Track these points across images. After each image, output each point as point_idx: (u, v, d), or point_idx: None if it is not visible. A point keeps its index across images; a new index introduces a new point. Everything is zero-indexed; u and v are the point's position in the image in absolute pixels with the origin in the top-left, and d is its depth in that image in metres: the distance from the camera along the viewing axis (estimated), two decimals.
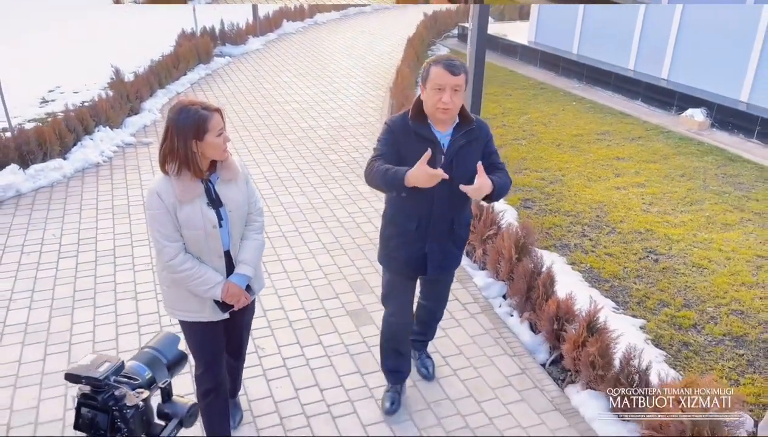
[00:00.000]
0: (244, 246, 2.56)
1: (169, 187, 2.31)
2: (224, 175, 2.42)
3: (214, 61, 10.35)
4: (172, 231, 2.35)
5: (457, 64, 2.50)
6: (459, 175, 2.56)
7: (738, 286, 4.33)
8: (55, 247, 4.71)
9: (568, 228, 5.19)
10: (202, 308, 2.51)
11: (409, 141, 2.62)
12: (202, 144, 2.28)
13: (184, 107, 2.28)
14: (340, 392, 3.34)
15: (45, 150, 5.93)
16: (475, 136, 2.65)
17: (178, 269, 2.38)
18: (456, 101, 2.52)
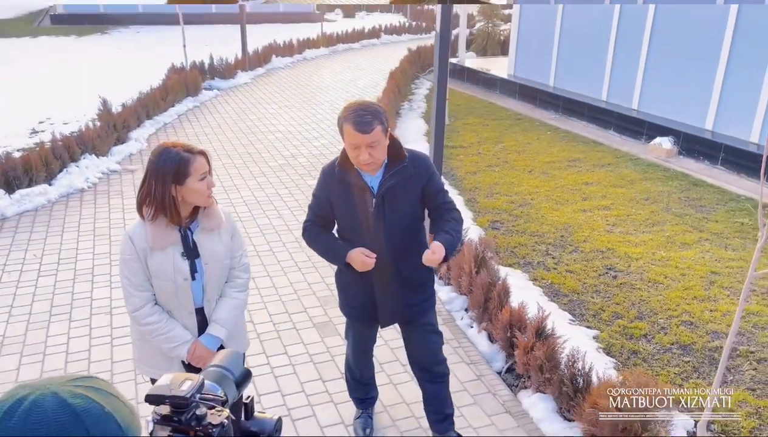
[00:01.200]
0: (221, 304, 2.37)
1: (142, 232, 2.19)
2: (205, 224, 2.27)
3: (202, 94, 10.68)
4: (141, 280, 2.22)
5: (367, 119, 2.32)
6: (393, 218, 2.50)
7: (690, 300, 4.52)
8: (35, 267, 4.88)
9: (533, 247, 5.40)
10: (170, 367, 2.31)
11: (339, 188, 2.53)
12: (182, 188, 2.14)
13: (165, 149, 2.16)
14: (301, 397, 3.49)
15: (31, 176, 6.15)
16: (409, 173, 2.49)
17: (142, 321, 2.25)
18: (376, 154, 2.38)
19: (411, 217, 2.55)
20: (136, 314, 2.25)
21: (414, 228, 2.63)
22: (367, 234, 2.51)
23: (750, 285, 2.92)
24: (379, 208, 2.49)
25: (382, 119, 2.37)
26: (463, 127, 9.32)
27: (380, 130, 2.35)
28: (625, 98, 9.28)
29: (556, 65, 10.76)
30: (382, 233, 2.51)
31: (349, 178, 2.49)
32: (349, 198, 2.50)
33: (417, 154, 2.59)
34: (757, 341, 4.02)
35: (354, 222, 2.55)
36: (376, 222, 2.51)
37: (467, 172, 7.32)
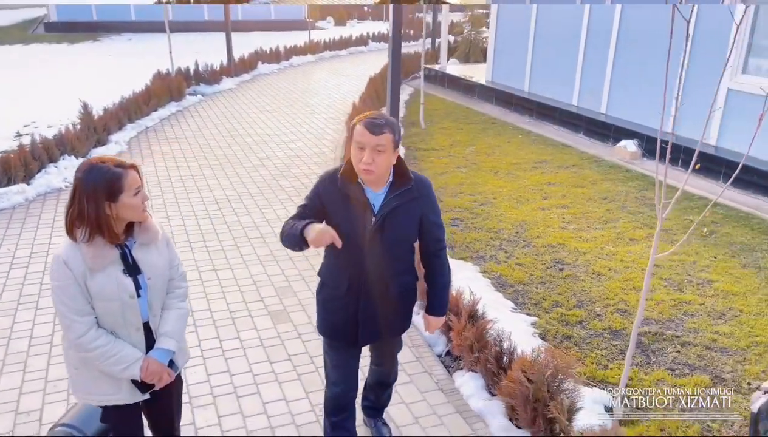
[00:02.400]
0: (166, 316, 2.33)
1: (77, 254, 2.08)
2: (142, 239, 2.21)
3: (185, 99, 10.94)
4: (82, 305, 2.11)
5: (380, 122, 2.31)
6: (391, 237, 2.46)
7: (628, 290, 4.76)
8: (8, 260, 5.11)
9: (488, 242, 5.64)
10: (118, 389, 2.25)
11: (338, 200, 2.44)
12: (116, 205, 2.07)
13: (93, 165, 2.07)
14: (248, 377, 3.71)
15: (10, 175, 6.38)
16: (413, 196, 2.46)
17: (88, 347, 2.13)
18: (379, 161, 2.32)
19: (408, 239, 2.54)
20: (81, 340, 2.12)
21: (409, 249, 2.62)
22: (361, 251, 2.45)
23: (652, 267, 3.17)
24: (379, 227, 2.43)
25: (394, 129, 2.35)
26: (438, 131, 9.59)
27: (390, 137, 2.32)
28: (594, 103, 9.56)
29: (530, 71, 11.05)
30: (378, 252, 2.45)
31: (350, 191, 2.42)
32: (348, 211, 2.42)
33: (422, 178, 2.55)
34: (684, 327, 4.26)
35: (349, 236, 2.41)
36: (372, 240, 2.44)
37: (436, 173, 7.57)
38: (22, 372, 3.70)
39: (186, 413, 3.36)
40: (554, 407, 2.95)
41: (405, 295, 2.67)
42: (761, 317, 4.36)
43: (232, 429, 3.27)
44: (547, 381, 3.03)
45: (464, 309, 3.81)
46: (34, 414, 3.35)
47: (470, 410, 3.47)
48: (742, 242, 5.62)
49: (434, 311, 2.73)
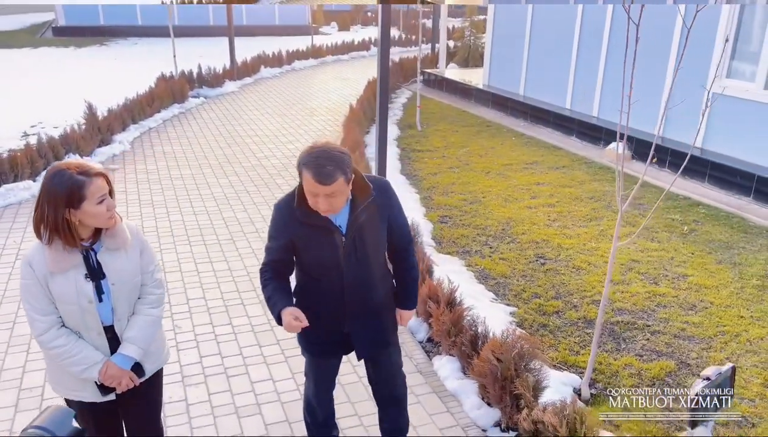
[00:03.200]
0: (133, 322, 2.31)
1: (41, 255, 2.12)
2: (109, 244, 2.20)
3: (188, 102, 11.20)
4: (44, 305, 2.14)
5: (328, 171, 2.15)
6: (365, 252, 2.43)
7: (605, 283, 4.96)
8: (14, 251, 5.35)
9: (474, 238, 5.86)
10: (83, 387, 2.30)
11: (302, 231, 2.36)
12: (78, 212, 2.07)
13: (58, 171, 2.08)
14: (238, 359, 3.94)
15: (17, 173, 6.64)
16: (377, 203, 2.40)
17: (49, 345, 2.18)
18: (335, 203, 2.25)
19: (380, 247, 2.52)
20: (42, 338, 2.17)
21: (383, 259, 2.60)
22: (336, 272, 2.42)
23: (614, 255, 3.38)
24: (350, 246, 2.39)
25: (345, 169, 2.20)
26: (433, 133, 9.82)
27: (342, 181, 2.19)
28: (587, 106, 9.77)
29: (525, 75, 11.27)
30: (355, 269, 2.43)
31: (312, 220, 2.32)
32: (316, 239, 2.36)
33: (380, 181, 2.49)
34: (656, 317, 4.46)
35: (322, 261, 2.42)
36: (346, 260, 2.41)
37: (429, 173, 7.79)
38: (26, 352, 3.94)
39: (178, 390, 3.60)
40: (520, 384, 3.16)
41: (388, 300, 2.67)
42: (730, 309, 4.55)
43: (221, 405, 3.49)
44: (514, 361, 3.24)
45: (443, 297, 4.02)
46: (36, 391, 3.58)
47: (446, 390, 3.68)
48: (720, 240, 5.81)
49: (405, 304, 2.74)
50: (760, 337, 4.17)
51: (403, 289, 2.71)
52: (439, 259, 5.35)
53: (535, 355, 3.28)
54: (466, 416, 3.47)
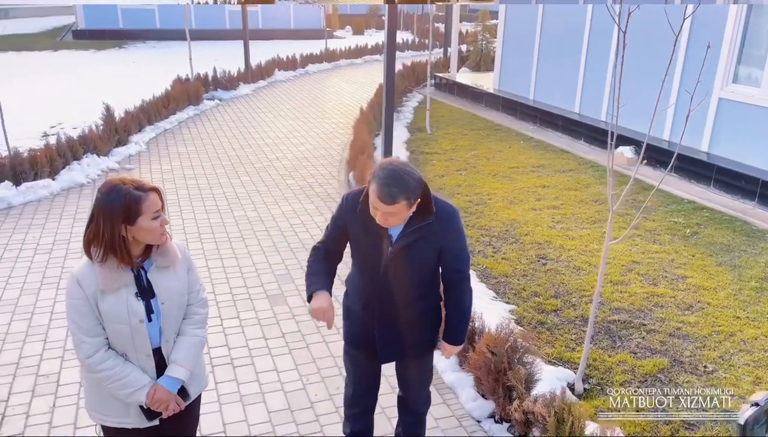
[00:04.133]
0: (180, 343, 2.27)
1: (92, 273, 2.08)
2: (159, 262, 2.19)
3: (203, 103, 11.44)
4: (92, 325, 2.10)
5: (392, 193, 2.23)
6: (408, 268, 2.47)
7: (605, 283, 5.06)
8: (33, 246, 5.57)
9: (478, 239, 5.97)
10: (126, 413, 2.24)
11: (358, 225, 2.48)
12: (133, 228, 2.06)
13: (114, 187, 2.07)
14: (244, 351, 4.10)
15: (36, 171, 6.87)
16: (431, 230, 2.43)
17: (96, 368, 2.13)
18: (392, 222, 2.35)
19: (426, 270, 2.52)
20: (89, 361, 2.12)
21: (428, 276, 2.58)
22: (378, 275, 2.49)
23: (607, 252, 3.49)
24: (395, 258, 2.45)
25: (409, 194, 2.26)
26: (443, 136, 9.95)
27: (404, 205, 2.27)
28: (595, 110, 9.85)
29: (535, 79, 11.37)
30: (394, 280, 2.48)
31: (369, 221, 2.40)
32: (367, 237, 2.46)
33: (446, 209, 2.49)
34: (652, 316, 4.55)
35: (367, 261, 2.54)
36: (388, 269, 2.47)
37: (436, 175, 7.92)
38: (43, 341, 4.13)
39: None
40: (512, 376, 3.28)
41: (425, 318, 2.66)
42: (726, 309, 4.63)
43: (226, 394, 3.65)
44: (507, 354, 3.37)
45: None
46: (53, 377, 3.76)
47: (443, 382, 3.81)
48: (722, 242, 5.88)
49: (449, 339, 2.68)
50: (754, 337, 4.25)
51: (449, 323, 2.68)
52: None
53: (528, 349, 3.40)
54: (462, 407, 3.60)
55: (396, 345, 2.67)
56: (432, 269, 2.56)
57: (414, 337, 2.67)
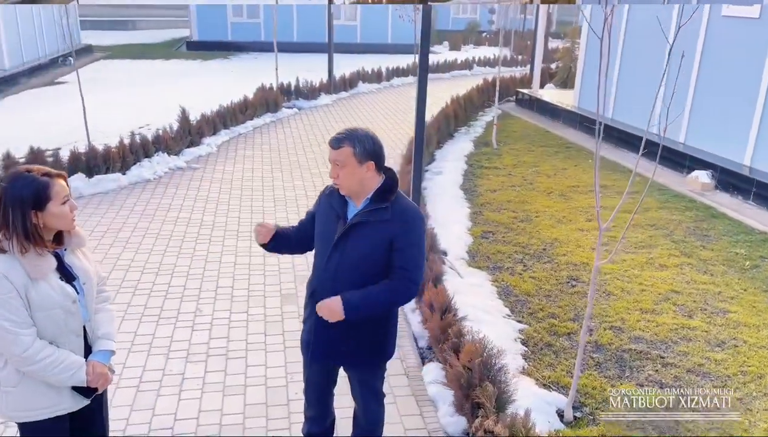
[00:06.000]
0: (100, 319, 2.37)
1: (15, 265, 2.07)
2: (74, 244, 2.26)
3: (281, 111, 11.90)
4: (25, 317, 2.10)
5: (339, 137, 2.39)
6: (351, 255, 2.46)
7: (633, 310, 4.73)
8: (86, 233, 6.05)
9: (510, 255, 5.78)
10: (59, 399, 2.24)
11: (324, 209, 2.60)
12: (43, 214, 2.09)
13: (20, 174, 2.09)
14: (241, 344, 4.22)
15: (109, 165, 7.46)
16: (384, 218, 2.44)
17: (36, 358, 2.11)
18: (342, 176, 2.40)
19: (371, 263, 2.47)
20: (28, 352, 2.10)
21: (370, 274, 2.48)
22: (325, 261, 2.51)
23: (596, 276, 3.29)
24: (342, 239, 2.46)
25: (355, 142, 2.37)
26: (508, 152, 9.73)
27: (349, 151, 2.36)
28: (673, 131, 9.23)
29: (615, 97, 10.86)
30: (335, 265, 2.48)
31: (333, 201, 2.53)
32: (326, 220, 2.54)
33: (407, 204, 2.54)
34: (674, 349, 4.20)
35: (321, 240, 2.58)
36: (334, 252, 2.49)
37: (488, 189, 7.76)
38: None
39: (178, 364, 3.93)
40: (480, 392, 3.15)
41: (368, 321, 2.53)
42: (763, 350, 4.18)
43: (211, 382, 3.78)
44: (479, 369, 3.24)
45: (437, 304, 4.06)
46: None
47: (426, 395, 3.73)
48: None
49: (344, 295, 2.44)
50: None
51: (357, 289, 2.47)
52: (466, 272, 5.36)
53: (505, 367, 3.25)
54: (437, 422, 3.50)
55: (332, 344, 2.58)
56: (380, 263, 2.48)
57: (352, 339, 2.56)
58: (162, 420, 3.44)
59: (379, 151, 2.47)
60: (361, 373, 2.78)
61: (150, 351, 4.08)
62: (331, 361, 2.74)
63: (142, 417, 3.45)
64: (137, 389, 3.70)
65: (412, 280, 2.51)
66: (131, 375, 3.82)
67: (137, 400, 3.60)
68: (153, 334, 4.29)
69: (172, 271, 5.26)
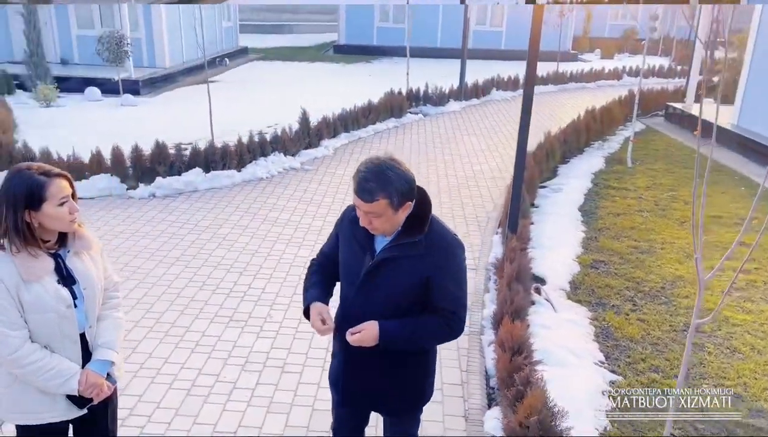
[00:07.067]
0: (103, 327, 2.26)
1: (9, 264, 2.02)
2: (77, 246, 2.16)
3: (406, 117, 11.76)
4: (15, 318, 2.03)
5: (369, 188, 2.02)
6: (382, 290, 2.17)
7: (761, 374, 3.91)
8: (191, 226, 6.25)
9: (620, 291, 5.09)
10: (53, 406, 2.17)
11: (348, 235, 2.28)
12: (38, 214, 2.02)
13: (17, 171, 2.04)
14: (300, 358, 4.04)
15: (225, 162, 7.74)
16: (417, 253, 2.13)
17: (24, 362, 2.05)
18: (377, 224, 2.10)
19: (406, 298, 2.19)
20: (16, 355, 2.04)
21: (406, 309, 2.21)
22: (352, 295, 2.24)
23: None
24: (372, 275, 2.18)
25: (390, 191, 2.02)
26: (643, 172, 8.77)
27: (384, 203, 2.02)
28: None
29: None
30: (363, 301, 2.20)
31: (358, 230, 2.20)
32: (351, 250, 2.26)
33: (442, 233, 2.20)
34: None
35: (347, 273, 2.29)
36: (362, 287, 2.20)
37: (610, 213, 7.00)
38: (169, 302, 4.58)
39: (233, 372, 3.84)
40: None
41: (402, 364, 2.28)
42: None
43: (259, 396, 3.64)
44: (536, 428, 2.77)
45: (507, 343, 3.60)
46: None
47: None
48: None
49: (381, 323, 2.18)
50: None
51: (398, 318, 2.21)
52: (562, 305, 4.79)
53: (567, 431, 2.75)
54: None
55: (363, 386, 2.33)
56: (413, 300, 2.20)
57: (386, 380, 2.31)
58: (201, 430, 3.35)
59: (413, 185, 2.11)
60: (395, 418, 2.51)
61: (211, 354, 4.05)
62: (362, 406, 2.47)
63: (183, 424, 3.39)
64: (188, 393, 3.65)
65: (456, 318, 2.23)
66: (186, 376, 3.80)
67: (184, 404, 3.55)
68: (219, 337, 4.26)
69: (256, 273, 5.25)
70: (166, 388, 3.68)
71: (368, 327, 2.17)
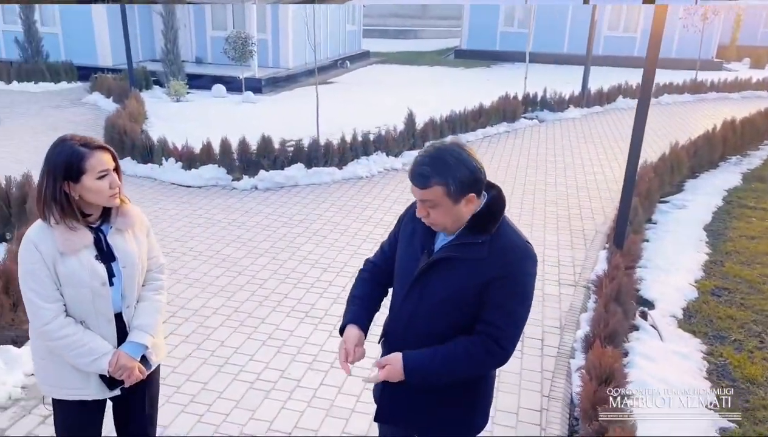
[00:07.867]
0: (142, 309, 2.19)
1: (48, 235, 1.99)
2: (120, 224, 2.10)
3: (519, 122, 11.25)
4: (51, 290, 1.99)
5: (421, 171, 1.83)
6: (436, 291, 1.94)
7: None
8: (285, 220, 6.28)
9: (744, 324, 4.41)
10: (86, 383, 2.12)
11: (408, 231, 2.08)
12: (77, 186, 1.98)
13: (61, 142, 2.00)
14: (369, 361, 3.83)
15: (327, 159, 7.74)
16: (477, 256, 1.88)
17: (55, 335, 2.01)
18: (435, 217, 1.89)
19: (455, 310, 1.94)
20: (48, 327, 2.00)
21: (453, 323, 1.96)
22: (400, 301, 2.03)
23: None
24: (425, 276, 1.95)
25: (447, 178, 1.81)
26: None
27: (440, 191, 1.82)
28: None
29: None
30: (411, 308, 1.99)
31: (417, 226, 2.01)
32: (408, 248, 2.05)
33: (513, 239, 1.92)
34: None
35: (400, 272, 2.08)
36: (411, 292, 1.99)
37: (742, 235, 6.17)
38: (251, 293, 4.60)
39: (300, 369, 3.72)
40: None
41: (440, 387, 2.01)
42: None
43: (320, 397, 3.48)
44: None
45: (595, 370, 3.16)
46: None
47: None
48: None
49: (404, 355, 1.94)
50: None
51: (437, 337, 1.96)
52: (671, 334, 4.21)
53: None
54: None
55: (401, 407, 2.07)
56: (465, 311, 1.93)
57: (426, 407, 2.04)
58: (255, 426, 3.24)
59: (478, 175, 1.85)
60: None
61: (281, 349, 3.96)
62: (401, 426, 2.19)
63: (240, 417, 3.31)
64: (251, 386, 3.58)
65: (501, 344, 1.90)
66: (253, 369, 3.74)
67: (245, 398, 3.47)
68: (292, 331, 4.17)
69: (340, 270, 5.14)
70: (231, 379, 3.63)
71: (393, 360, 1.95)
